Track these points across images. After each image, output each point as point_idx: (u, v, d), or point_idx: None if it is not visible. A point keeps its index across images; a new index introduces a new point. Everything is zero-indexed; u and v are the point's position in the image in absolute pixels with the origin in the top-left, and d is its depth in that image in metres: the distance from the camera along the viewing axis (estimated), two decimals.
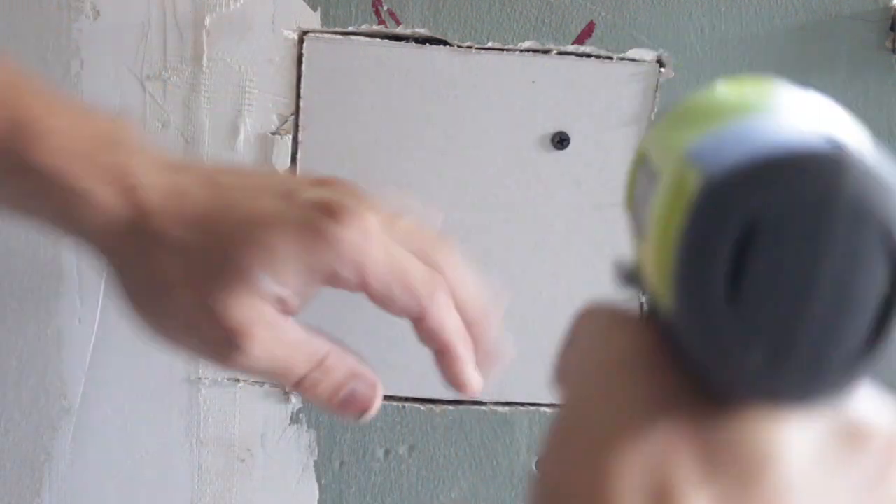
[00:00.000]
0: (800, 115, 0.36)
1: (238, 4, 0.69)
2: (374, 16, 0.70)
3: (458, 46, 0.69)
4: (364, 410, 0.56)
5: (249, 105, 0.70)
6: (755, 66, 0.70)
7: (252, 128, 0.70)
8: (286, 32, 0.69)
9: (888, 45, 0.70)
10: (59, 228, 0.55)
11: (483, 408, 0.72)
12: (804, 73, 0.70)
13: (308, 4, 0.68)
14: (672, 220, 0.35)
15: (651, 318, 0.39)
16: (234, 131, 0.70)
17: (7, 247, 0.71)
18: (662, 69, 0.70)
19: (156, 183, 0.54)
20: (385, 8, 0.70)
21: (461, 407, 0.72)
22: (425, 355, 0.72)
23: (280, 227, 0.52)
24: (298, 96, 0.70)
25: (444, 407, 0.72)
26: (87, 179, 0.53)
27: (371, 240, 0.53)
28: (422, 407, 0.72)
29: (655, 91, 0.71)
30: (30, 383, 0.72)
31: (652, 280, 0.37)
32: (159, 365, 0.72)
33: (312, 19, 0.69)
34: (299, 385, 0.54)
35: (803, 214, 0.33)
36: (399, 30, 0.70)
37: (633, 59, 0.70)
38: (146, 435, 0.72)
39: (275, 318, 0.53)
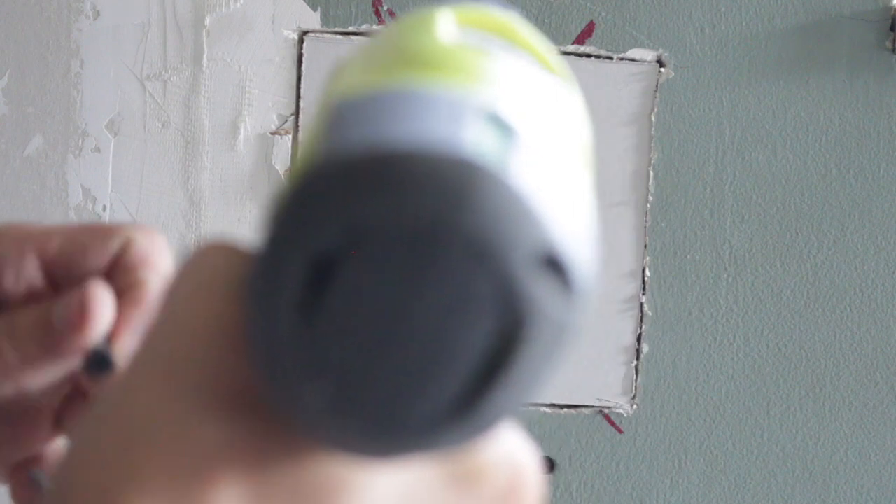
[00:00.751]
0: (489, 95, 0.26)
1: (238, 4, 0.69)
2: (374, 16, 0.70)
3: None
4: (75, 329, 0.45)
5: (249, 105, 0.70)
6: (755, 66, 0.70)
7: (252, 128, 0.70)
8: (286, 32, 0.69)
9: (888, 45, 0.70)
10: None
11: None
12: (804, 73, 0.70)
13: (308, 4, 0.68)
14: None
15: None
16: (234, 131, 0.70)
17: None
18: (662, 69, 0.70)
19: None
20: (385, 8, 0.70)
21: None
22: None
23: None
24: (298, 96, 0.70)
25: None
26: None
27: None
28: None
29: (655, 91, 0.71)
30: None
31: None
32: None
33: (312, 19, 0.69)
34: None
35: (403, 241, 0.25)
36: None
37: (633, 59, 0.70)
38: None
39: None
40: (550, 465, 0.72)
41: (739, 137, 0.71)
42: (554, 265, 0.25)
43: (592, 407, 0.72)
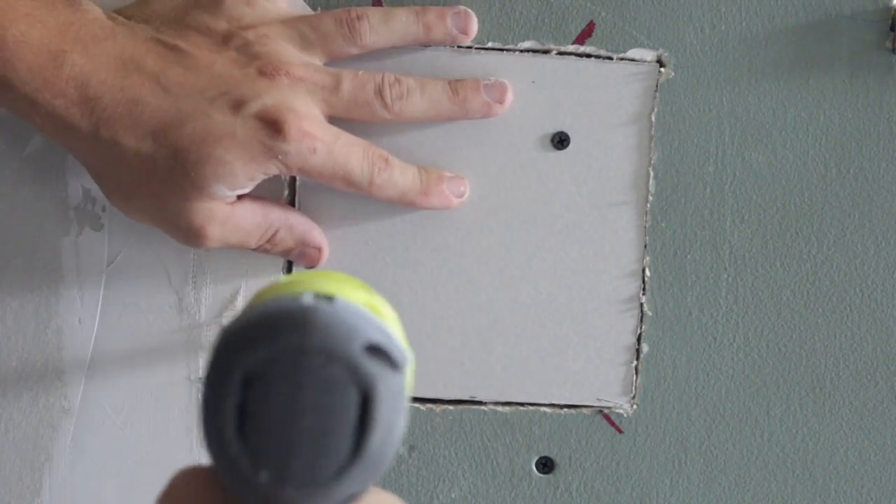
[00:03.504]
0: (328, 286, 0.45)
1: None
2: None
3: (458, 46, 0.69)
4: (312, 266, 0.68)
5: None
6: (755, 66, 0.70)
7: None
8: None
9: (888, 45, 0.70)
10: (31, 124, 0.62)
11: (483, 408, 0.72)
12: (804, 73, 0.70)
13: (308, 4, 0.68)
14: None
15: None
16: None
17: (7, 247, 0.71)
18: (662, 69, 0.70)
19: (111, 91, 0.61)
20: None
21: (461, 407, 0.72)
22: (425, 355, 0.72)
23: (232, 145, 0.60)
24: None
25: (444, 407, 0.72)
26: (45, 92, 0.60)
27: (314, 148, 0.62)
28: (422, 407, 0.72)
29: (655, 91, 0.71)
30: (30, 383, 0.72)
31: None
32: (159, 365, 0.72)
33: None
34: (256, 251, 0.66)
35: (283, 363, 0.41)
36: None
37: (633, 59, 0.70)
38: (146, 435, 0.72)
39: (226, 213, 0.63)
40: (550, 465, 0.72)
41: (739, 137, 0.71)
42: (378, 351, 0.42)
43: (592, 407, 0.72)
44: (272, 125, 0.61)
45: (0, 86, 0.60)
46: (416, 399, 0.72)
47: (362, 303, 0.45)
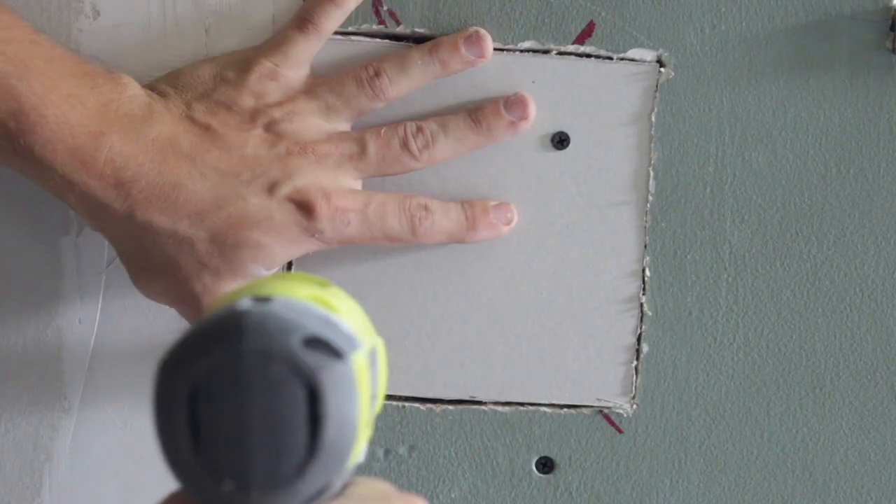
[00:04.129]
0: (258, 290, 0.44)
1: (238, 4, 0.69)
2: (374, 16, 0.70)
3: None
4: None
5: None
6: (755, 66, 0.70)
7: None
8: None
9: (888, 45, 0.70)
10: (64, 202, 0.63)
11: (483, 408, 0.72)
12: (804, 73, 0.70)
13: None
14: None
15: None
16: None
17: (7, 247, 0.71)
18: (662, 69, 0.70)
19: (148, 175, 0.62)
20: (385, 8, 0.70)
21: (461, 407, 0.72)
22: (425, 355, 0.72)
23: (270, 228, 0.62)
24: None
25: (444, 407, 0.72)
26: (82, 173, 0.61)
27: (347, 220, 0.63)
28: (422, 407, 0.72)
29: (655, 91, 0.71)
30: (30, 383, 0.72)
31: None
32: None
33: None
34: None
35: (223, 371, 0.41)
36: (399, 30, 0.70)
37: (633, 59, 0.70)
38: (146, 435, 0.72)
39: None
40: (550, 465, 0.72)
41: (739, 137, 0.71)
42: (317, 342, 0.42)
43: (592, 407, 0.72)
44: (304, 208, 0.63)
45: (39, 166, 0.61)
46: (416, 399, 0.72)
47: (306, 297, 0.44)
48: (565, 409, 0.72)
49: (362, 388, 0.43)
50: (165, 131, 0.63)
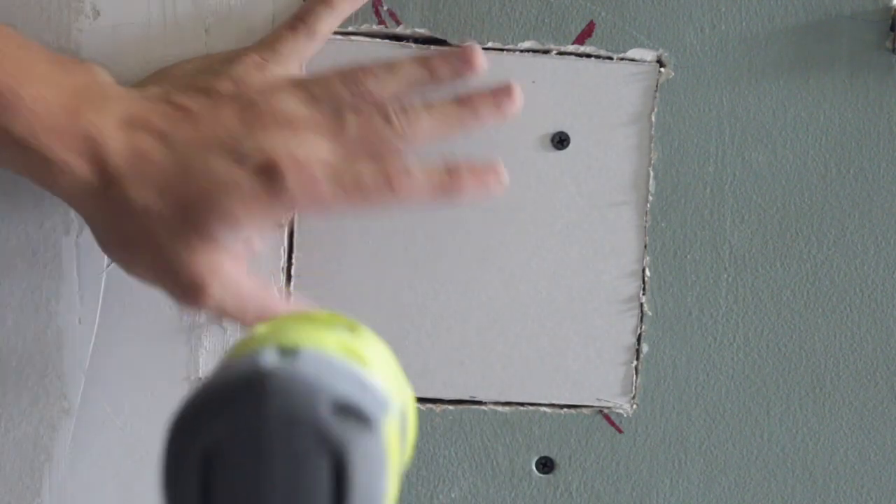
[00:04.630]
0: (282, 340, 0.41)
1: (238, 4, 0.69)
2: (374, 16, 0.70)
3: (458, 46, 0.69)
4: None
5: None
6: (755, 66, 0.70)
7: None
8: None
9: (888, 45, 0.70)
10: (39, 186, 0.64)
11: (483, 408, 0.72)
12: (804, 73, 0.70)
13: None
14: None
15: None
16: None
17: (7, 247, 0.71)
18: (662, 69, 0.70)
19: (120, 147, 0.62)
20: (385, 8, 0.70)
21: (461, 407, 0.72)
22: (425, 355, 0.72)
23: (237, 195, 0.61)
24: None
25: (444, 407, 0.72)
26: (57, 150, 0.62)
27: (318, 181, 0.62)
28: (422, 407, 0.72)
29: (655, 91, 0.71)
30: (30, 383, 0.72)
31: None
32: (159, 365, 0.72)
33: None
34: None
35: (242, 436, 0.37)
36: (399, 30, 0.70)
37: (633, 59, 0.70)
38: (146, 435, 0.72)
39: (229, 273, 0.63)
40: (550, 465, 0.72)
41: (739, 137, 0.71)
42: (348, 409, 0.37)
43: (592, 407, 0.72)
44: (271, 170, 0.62)
45: (18, 147, 0.62)
46: (416, 399, 0.72)
47: (336, 348, 0.41)
48: (565, 409, 0.72)
49: (392, 460, 0.40)
50: (140, 110, 0.64)
